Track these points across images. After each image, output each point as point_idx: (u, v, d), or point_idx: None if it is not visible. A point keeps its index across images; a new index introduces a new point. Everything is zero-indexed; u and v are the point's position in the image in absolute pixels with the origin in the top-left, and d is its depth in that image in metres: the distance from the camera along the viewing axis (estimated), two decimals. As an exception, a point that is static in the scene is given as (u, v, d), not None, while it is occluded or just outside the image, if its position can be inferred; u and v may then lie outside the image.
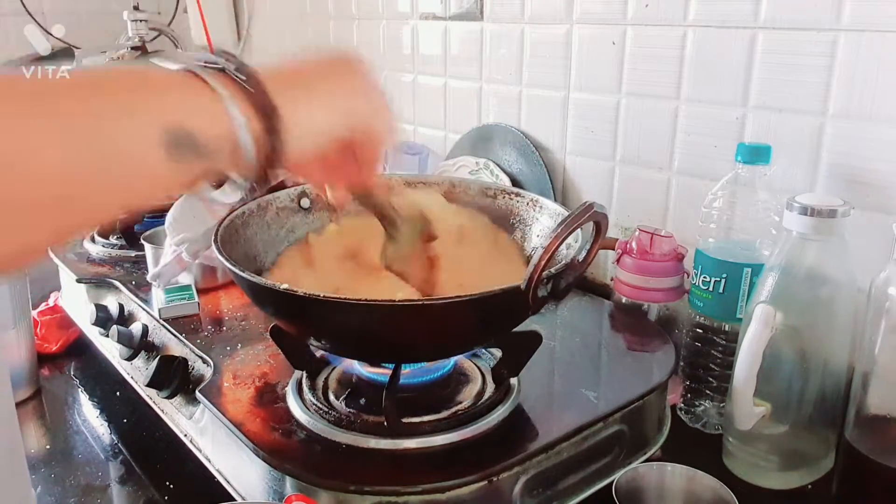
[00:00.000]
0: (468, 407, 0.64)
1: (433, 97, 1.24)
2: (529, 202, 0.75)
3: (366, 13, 1.34)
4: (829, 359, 0.64)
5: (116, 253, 1.07)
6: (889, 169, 0.71)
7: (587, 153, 1.00)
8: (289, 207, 0.77)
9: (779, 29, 0.76)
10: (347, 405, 0.64)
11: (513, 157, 1.07)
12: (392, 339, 0.58)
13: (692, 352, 0.76)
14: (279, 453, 0.58)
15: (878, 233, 0.69)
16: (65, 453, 0.80)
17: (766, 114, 0.79)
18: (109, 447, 0.81)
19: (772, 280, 0.63)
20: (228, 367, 0.73)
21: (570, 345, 0.79)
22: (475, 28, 1.12)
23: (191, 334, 0.81)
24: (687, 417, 0.77)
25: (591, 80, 0.97)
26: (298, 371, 0.69)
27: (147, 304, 0.89)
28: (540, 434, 0.62)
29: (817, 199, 0.61)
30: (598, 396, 0.67)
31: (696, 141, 0.87)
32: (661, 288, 0.82)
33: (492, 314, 0.57)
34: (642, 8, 0.88)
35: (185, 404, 0.75)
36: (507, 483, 0.57)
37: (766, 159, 0.70)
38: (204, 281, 0.93)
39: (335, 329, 0.59)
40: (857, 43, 0.71)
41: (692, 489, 0.60)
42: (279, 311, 0.62)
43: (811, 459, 0.68)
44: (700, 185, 0.86)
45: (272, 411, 0.64)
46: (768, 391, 0.64)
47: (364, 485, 0.55)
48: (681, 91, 0.87)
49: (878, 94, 0.70)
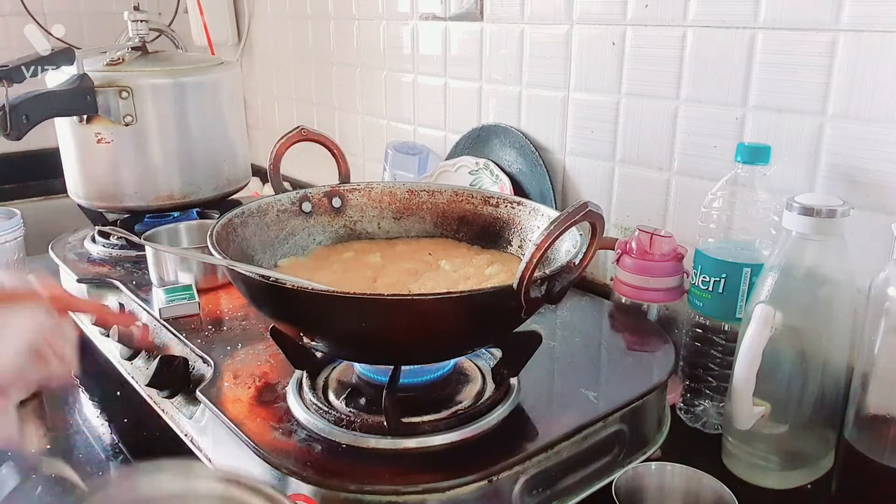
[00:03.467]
0: (468, 407, 0.64)
1: (433, 97, 1.24)
2: (531, 211, 0.75)
3: (366, 13, 1.34)
4: (829, 359, 0.64)
5: (117, 253, 1.07)
6: (889, 169, 0.71)
7: (587, 153, 1.00)
8: (289, 210, 0.77)
9: (778, 29, 0.77)
10: (347, 405, 0.64)
11: (513, 157, 1.07)
12: (384, 337, 0.58)
13: (692, 352, 0.76)
14: (279, 453, 0.58)
15: (878, 233, 0.69)
16: (65, 453, 0.80)
17: (765, 114, 0.79)
18: (109, 447, 0.81)
19: (771, 280, 0.63)
20: (229, 366, 0.73)
21: (570, 345, 0.79)
22: (475, 28, 1.12)
23: (191, 334, 0.81)
24: (686, 417, 0.77)
25: (591, 80, 0.97)
26: (299, 371, 0.69)
27: (147, 303, 0.89)
28: (540, 434, 0.62)
29: (817, 199, 0.61)
30: (597, 396, 0.67)
31: (695, 141, 0.87)
32: (660, 288, 0.82)
33: (484, 314, 0.57)
34: (642, 8, 0.88)
35: (185, 404, 0.75)
36: (507, 483, 0.57)
37: (765, 159, 0.70)
38: (204, 281, 0.93)
39: (325, 325, 0.59)
40: (856, 43, 0.71)
41: (692, 489, 0.60)
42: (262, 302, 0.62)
43: (811, 459, 0.68)
44: (700, 186, 0.86)
45: (272, 411, 0.65)
46: (768, 391, 0.64)
47: (364, 485, 0.55)
48: (680, 91, 0.87)
49: (877, 94, 0.70)
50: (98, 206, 1.13)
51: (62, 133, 1.11)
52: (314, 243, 0.78)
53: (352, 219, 0.81)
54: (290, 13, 1.56)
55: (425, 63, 1.24)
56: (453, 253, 0.77)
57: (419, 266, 0.73)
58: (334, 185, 0.81)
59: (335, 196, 0.81)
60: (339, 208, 0.81)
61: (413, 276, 0.71)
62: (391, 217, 0.82)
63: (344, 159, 0.82)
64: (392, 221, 0.82)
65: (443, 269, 0.72)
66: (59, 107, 1.02)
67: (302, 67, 1.58)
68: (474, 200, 0.80)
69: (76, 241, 1.14)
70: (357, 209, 0.81)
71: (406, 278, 0.70)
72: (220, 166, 1.16)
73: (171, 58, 1.15)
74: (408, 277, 0.70)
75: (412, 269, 0.72)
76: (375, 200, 0.82)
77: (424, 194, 0.82)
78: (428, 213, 0.82)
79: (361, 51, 1.38)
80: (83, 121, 1.06)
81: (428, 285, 0.68)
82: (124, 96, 1.04)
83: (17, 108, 0.93)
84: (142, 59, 1.11)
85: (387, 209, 0.82)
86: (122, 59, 1.10)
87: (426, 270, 0.72)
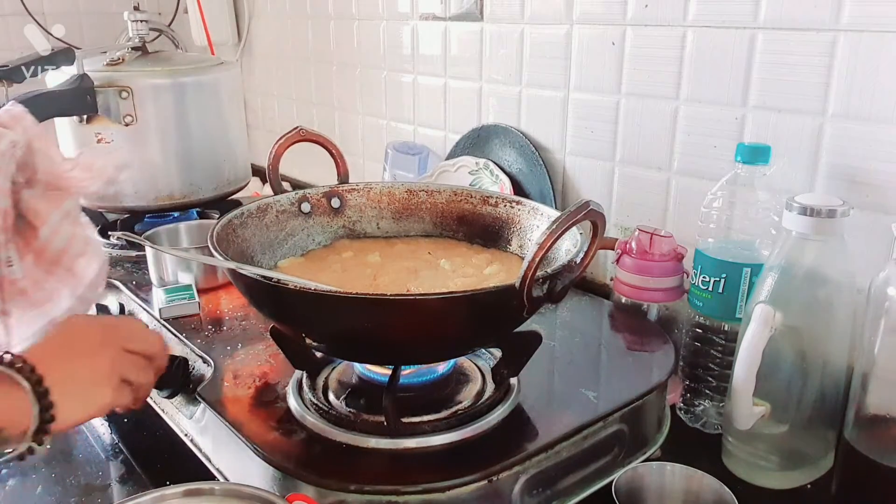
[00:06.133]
0: (468, 407, 0.64)
1: (433, 97, 1.24)
2: (530, 210, 0.75)
3: (366, 13, 1.34)
4: (829, 359, 0.64)
5: (117, 253, 1.07)
6: (888, 169, 0.71)
7: (587, 153, 1.00)
8: (289, 211, 0.77)
9: (778, 29, 0.77)
10: (347, 405, 0.64)
11: (512, 157, 1.07)
12: (387, 336, 0.58)
13: (692, 352, 0.76)
14: (279, 453, 0.59)
15: (878, 233, 0.69)
16: (65, 453, 0.80)
17: (765, 114, 0.79)
18: (109, 447, 0.81)
19: (771, 280, 0.63)
20: (229, 366, 0.73)
21: (570, 345, 0.79)
22: (475, 28, 1.12)
23: (191, 334, 0.81)
24: (686, 417, 0.77)
25: (591, 80, 0.97)
26: (299, 371, 0.69)
27: (147, 303, 0.89)
28: (540, 434, 0.62)
29: (817, 199, 0.61)
30: (597, 396, 0.67)
31: (695, 141, 0.87)
32: (660, 288, 0.82)
33: (487, 313, 0.57)
34: (642, 8, 0.88)
35: (185, 404, 0.75)
36: (507, 483, 0.57)
37: (765, 159, 0.70)
38: (204, 281, 0.93)
39: (329, 326, 0.59)
40: (856, 43, 0.71)
41: (692, 489, 0.60)
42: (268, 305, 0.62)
43: (810, 459, 0.68)
44: (699, 186, 0.86)
45: (272, 411, 0.65)
46: (768, 391, 0.64)
47: (364, 484, 0.55)
48: (680, 91, 0.87)
49: (877, 94, 0.70)
50: (98, 206, 1.13)
51: (62, 133, 1.11)
52: (313, 244, 0.79)
53: (351, 219, 0.81)
54: (289, 13, 1.56)
55: (425, 63, 1.24)
56: (452, 252, 0.77)
57: (418, 265, 0.73)
58: (333, 186, 0.81)
59: (334, 196, 0.81)
60: (338, 209, 0.81)
61: (412, 274, 0.71)
62: (390, 217, 0.82)
63: (342, 159, 0.82)
64: (391, 221, 0.82)
65: (442, 268, 0.72)
66: (59, 107, 1.02)
67: (302, 67, 1.58)
68: (473, 200, 0.80)
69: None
70: (356, 209, 0.82)
71: (405, 277, 0.70)
72: (220, 166, 1.16)
73: (171, 58, 1.15)
74: (407, 276, 0.70)
75: (411, 267, 0.72)
76: (374, 201, 0.82)
77: (423, 194, 0.82)
78: (427, 213, 0.82)
79: (361, 51, 1.38)
80: (83, 121, 1.06)
81: (427, 284, 0.68)
82: (124, 96, 1.04)
83: (17, 108, 0.93)
84: (142, 59, 1.11)
85: (385, 209, 0.82)
86: (122, 59, 1.10)
87: (425, 269, 0.72)
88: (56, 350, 0.53)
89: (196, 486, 0.53)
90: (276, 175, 0.78)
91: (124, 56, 1.11)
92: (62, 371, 0.51)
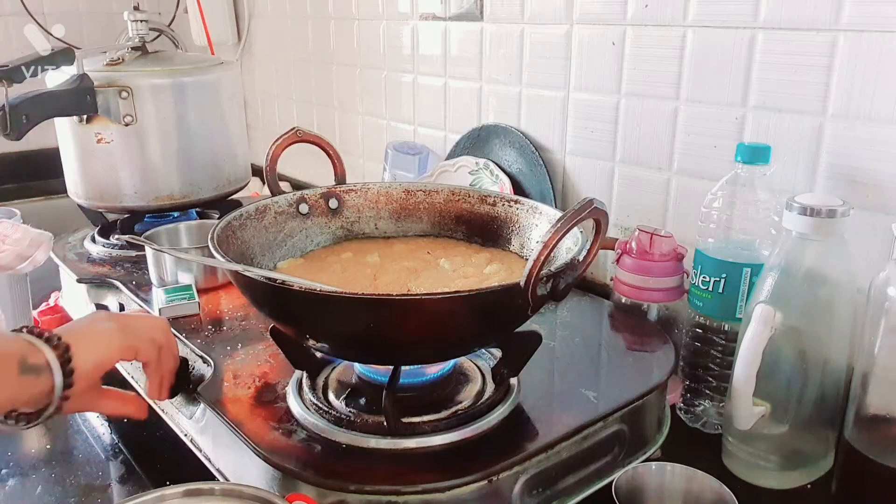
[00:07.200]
0: (468, 407, 0.64)
1: (433, 97, 1.24)
2: (529, 209, 0.75)
3: (366, 13, 1.34)
4: (829, 359, 0.64)
5: (117, 253, 1.07)
6: (889, 169, 0.71)
7: (587, 153, 1.00)
8: (287, 212, 0.77)
9: (778, 29, 0.77)
10: (347, 405, 0.64)
11: (512, 157, 1.07)
12: (390, 337, 0.58)
13: (692, 352, 0.76)
14: (279, 453, 0.58)
15: (878, 233, 0.69)
16: (65, 453, 0.80)
17: (765, 114, 0.79)
18: (109, 447, 0.81)
19: (771, 280, 0.63)
20: (229, 366, 0.73)
21: (570, 345, 0.79)
22: (475, 28, 1.12)
23: (191, 334, 0.81)
24: (686, 417, 0.77)
25: (591, 80, 0.97)
26: (299, 371, 0.69)
27: (147, 303, 0.89)
28: (540, 434, 0.62)
29: (817, 199, 0.61)
30: (597, 396, 0.67)
31: (695, 141, 0.87)
32: (660, 288, 0.82)
33: (491, 312, 0.57)
34: (642, 8, 0.88)
35: (185, 404, 0.75)
36: (507, 483, 0.57)
37: (765, 159, 0.70)
38: (204, 281, 0.93)
39: (332, 326, 0.59)
40: (856, 43, 0.71)
41: (692, 489, 0.60)
42: (271, 306, 0.62)
43: (811, 459, 0.68)
44: (700, 186, 0.86)
45: (272, 411, 0.64)
46: (768, 391, 0.64)
47: (364, 485, 0.55)
48: (680, 91, 0.87)
49: (877, 94, 0.70)
50: (98, 206, 1.13)
51: (62, 133, 1.11)
52: (312, 245, 0.78)
53: (349, 220, 0.81)
54: (289, 13, 1.56)
55: (425, 63, 1.24)
56: (452, 252, 0.77)
57: (418, 265, 0.73)
58: (331, 187, 0.81)
59: (332, 197, 0.81)
60: (336, 209, 0.81)
61: (413, 274, 0.71)
62: (388, 217, 0.82)
63: (339, 160, 0.82)
64: (389, 222, 0.82)
65: (442, 267, 0.72)
66: (59, 107, 1.01)
67: (302, 67, 1.58)
68: (471, 199, 0.80)
69: (76, 241, 1.14)
70: (354, 210, 0.81)
71: (406, 277, 0.70)
72: (220, 166, 1.16)
73: (171, 58, 1.15)
74: (407, 275, 0.70)
75: (411, 267, 0.72)
76: (372, 201, 0.82)
77: (421, 194, 0.82)
78: (425, 212, 0.82)
79: (361, 51, 1.38)
80: (83, 121, 1.06)
81: (428, 284, 0.68)
82: (124, 96, 1.04)
83: (17, 108, 0.93)
84: (142, 59, 1.11)
85: (384, 210, 0.82)
86: (121, 59, 1.10)
87: (425, 269, 0.72)
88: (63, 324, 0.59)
89: (196, 486, 0.53)
90: (273, 177, 0.78)
91: (124, 56, 1.10)
92: (72, 328, 0.57)
